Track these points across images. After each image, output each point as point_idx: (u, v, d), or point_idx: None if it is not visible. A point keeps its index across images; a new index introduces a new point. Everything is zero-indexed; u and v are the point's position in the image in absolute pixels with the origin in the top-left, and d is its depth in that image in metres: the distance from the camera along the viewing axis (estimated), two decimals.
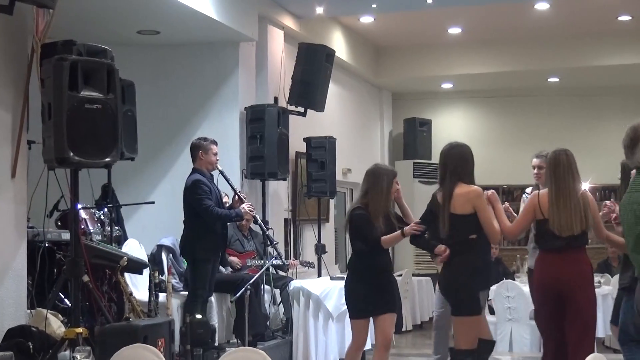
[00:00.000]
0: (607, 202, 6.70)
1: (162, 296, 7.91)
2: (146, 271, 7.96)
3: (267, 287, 9.18)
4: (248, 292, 8.07)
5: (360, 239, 6.59)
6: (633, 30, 13.20)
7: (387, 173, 6.75)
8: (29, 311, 6.77)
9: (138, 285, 8.22)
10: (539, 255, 6.46)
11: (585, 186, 7.21)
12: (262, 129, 10.01)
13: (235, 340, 8.80)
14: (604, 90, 15.38)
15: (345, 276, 6.92)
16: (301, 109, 10.78)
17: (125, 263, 7.28)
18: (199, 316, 7.88)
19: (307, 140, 11.14)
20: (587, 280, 6.34)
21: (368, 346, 9.40)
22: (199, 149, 8.14)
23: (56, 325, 6.56)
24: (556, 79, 15.00)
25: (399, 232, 6.56)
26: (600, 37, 13.48)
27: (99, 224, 8.12)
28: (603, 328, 9.89)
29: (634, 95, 15.40)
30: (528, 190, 7.78)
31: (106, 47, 6.47)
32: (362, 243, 6.58)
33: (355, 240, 6.66)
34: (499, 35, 13.71)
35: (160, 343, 6.49)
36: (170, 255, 8.76)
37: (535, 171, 7.63)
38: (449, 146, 6.51)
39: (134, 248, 8.36)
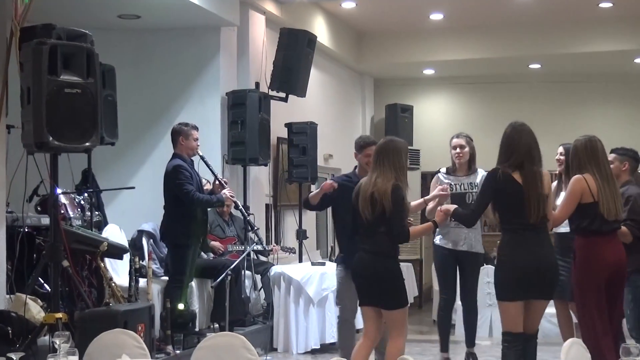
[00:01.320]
0: None
1: (142, 281, 7.90)
2: (126, 256, 7.96)
3: (248, 272, 9.18)
4: (228, 277, 8.07)
5: (395, 222, 6.00)
6: (614, 17, 13.23)
7: None
8: (8, 296, 6.76)
9: (118, 271, 8.21)
10: (583, 240, 6.32)
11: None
12: (244, 114, 9.98)
13: (212, 325, 8.80)
14: (585, 77, 15.43)
15: (390, 265, 6.09)
16: (282, 95, 10.75)
17: (106, 248, 7.28)
18: (181, 306, 7.87)
19: (289, 125, 11.13)
20: (626, 262, 6.43)
21: None
22: (179, 134, 8.12)
23: (36, 310, 6.56)
24: (537, 66, 15.03)
25: (430, 223, 6.37)
26: (581, 24, 13.51)
27: (79, 209, 8.09)
28: None
29: (615, 81, 15.47)
30: (443, 170, 7.61)
31: (86, 31, 6.44)
32: (392, 228, 6.02)
33: (389, 223, 6.00)
34: (481, 21, 13.72)
35: (140, 328, 6.50)
36: (151, 240, 8.74)
37: (458, 151, 7.47)
38: (520, 124, 6.12)
39: (115, 233, 8.35)
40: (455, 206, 6.49)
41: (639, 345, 3.51)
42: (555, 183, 7.54)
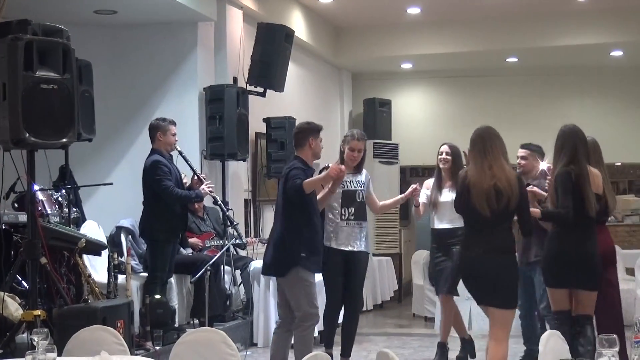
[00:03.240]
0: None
1: (121, 278, 7.87)
2: (105, 253, 7.92)
3: (227, 268, 9.17)
4: (208, 273, 8.06)
5: (527, 216, 6.03)
6: (591, 11, 13.31)
7: None
8: None
9: (97, 267, 8.18)
10: (600, 228, 6.57)
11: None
12: (222, 110, 9.97)
13: (192, 321, 8.79)
14: (562, 70, 15.51)
15: (511, 262, 6.04)
16: (260, 89, 10.74)
17: (84, 244, 7.24)
18: (158, 296, 7.86)
19: (267, 120, 11.12)
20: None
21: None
22: (157, 130, 8.10)
23: (14, 307, 6.52)
24: (514, 59, 15.09)
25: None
26: (558, 17, 13.57)
27: (56, 206, 8.04)
28: None
29: (592, 75, 15.56)
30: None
31: (62, 27, 6.40)
32: (525, 223, 6.05)
33: (512, 217, 5.96)
34: (458, 15, 13.75)
35: (119, 324, 6.47)
36: (130, 236, 8.72)
37: (355, 154, 7.43)
38: (568, 125, 6.41)
39: (93, 230, 8.32)
40: (540, 209, 6.51)
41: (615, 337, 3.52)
42: (432, 180, 8.01)
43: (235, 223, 8.84)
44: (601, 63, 15.13)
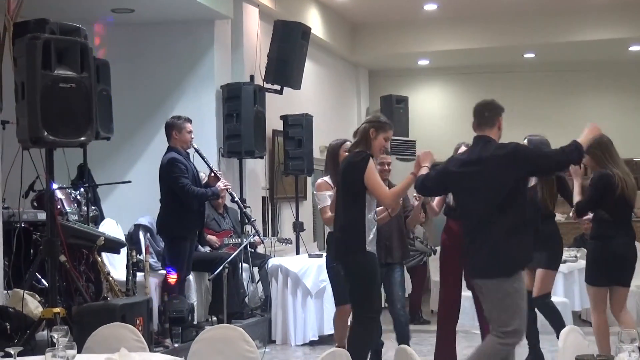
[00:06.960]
0: None
1: (140, 275, 7.89)
2: (124, 250, 7.95)
3: (245, 265, 9.18)
4: (226, 270, 8.07)
5: None
6: (608, 6, 13.24)
7: None
8: (5, 292, 6.76)
9: (116, 265, 8.21)
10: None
11: None
12: (239, 107, 9.98)
13: (210, 318, 8.81)
14: (580, 65, 15.43)
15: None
16: (277, 87, 10.74)
17: (103, 242, 7.27)
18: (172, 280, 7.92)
19: (284, 118, 11.12)
20: None
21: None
22: (172, 128, 8.11)
23: (33, 305, 6.55)
24: (532, 55, 15.03)
25: None
26: (575, 12, 13.51)
27: (75, 204, 8.07)
28: (580, 301, 9.98)
29: (609, 70, 15.47)
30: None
31: (80, 26, 6.42)
32: None
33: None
34: (475, 11, 13.71)
35: (138, 322, 6.50)
36: (148, 234, 8.73)
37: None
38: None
39: (111, 227, 8.35)
40: None
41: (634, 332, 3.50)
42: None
43: (252, 220, 8.85)
44: (619, 58, 15.05)
